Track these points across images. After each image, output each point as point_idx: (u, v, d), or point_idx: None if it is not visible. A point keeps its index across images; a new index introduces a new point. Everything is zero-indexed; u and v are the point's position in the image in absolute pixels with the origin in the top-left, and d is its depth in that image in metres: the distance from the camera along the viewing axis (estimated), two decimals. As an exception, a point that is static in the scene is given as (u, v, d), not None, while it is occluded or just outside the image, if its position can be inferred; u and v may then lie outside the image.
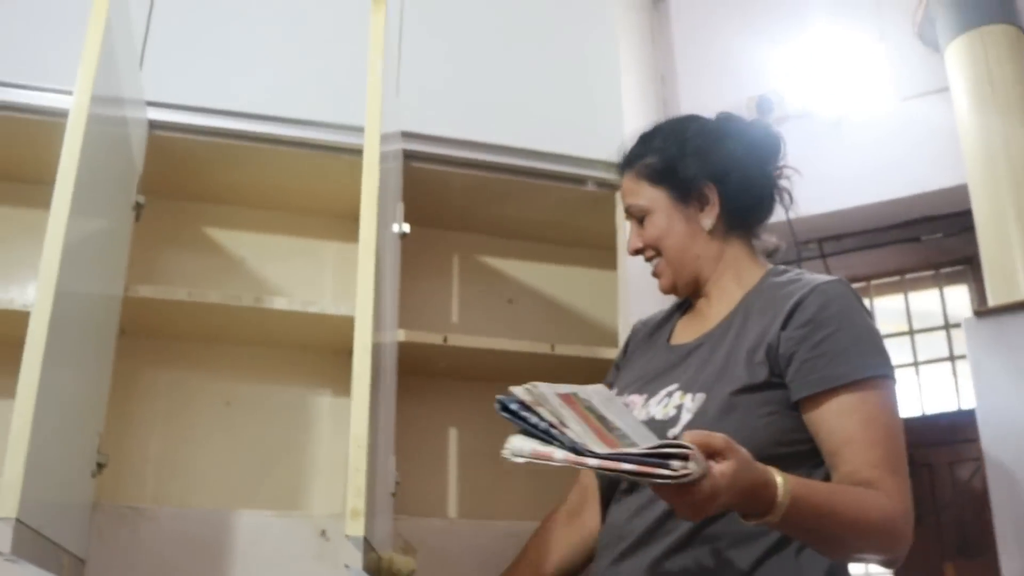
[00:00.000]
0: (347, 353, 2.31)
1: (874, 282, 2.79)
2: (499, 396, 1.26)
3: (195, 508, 1.97)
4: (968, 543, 2.45)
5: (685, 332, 1.67)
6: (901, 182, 2.59)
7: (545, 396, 1.24)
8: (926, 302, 2.77)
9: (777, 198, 1.67)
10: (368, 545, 1.49)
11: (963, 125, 2.29)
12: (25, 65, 2.04)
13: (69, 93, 1.95)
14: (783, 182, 1.68)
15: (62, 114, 1.98)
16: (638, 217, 1.64)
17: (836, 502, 1.29)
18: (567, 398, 1.25)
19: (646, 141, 1.66)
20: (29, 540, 1.37)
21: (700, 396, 1.47)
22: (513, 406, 1.25)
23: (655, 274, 1.67)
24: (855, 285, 2.80)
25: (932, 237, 2.71)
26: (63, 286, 1.46)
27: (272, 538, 1.89)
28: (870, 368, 1.41)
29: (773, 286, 1.56)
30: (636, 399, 1.60)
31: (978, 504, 1.99)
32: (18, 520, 1.29)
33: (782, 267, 1.63)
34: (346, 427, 2.27)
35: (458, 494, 2.32)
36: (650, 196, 1.62)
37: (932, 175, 2.54)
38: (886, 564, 1.40)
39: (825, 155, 2.71)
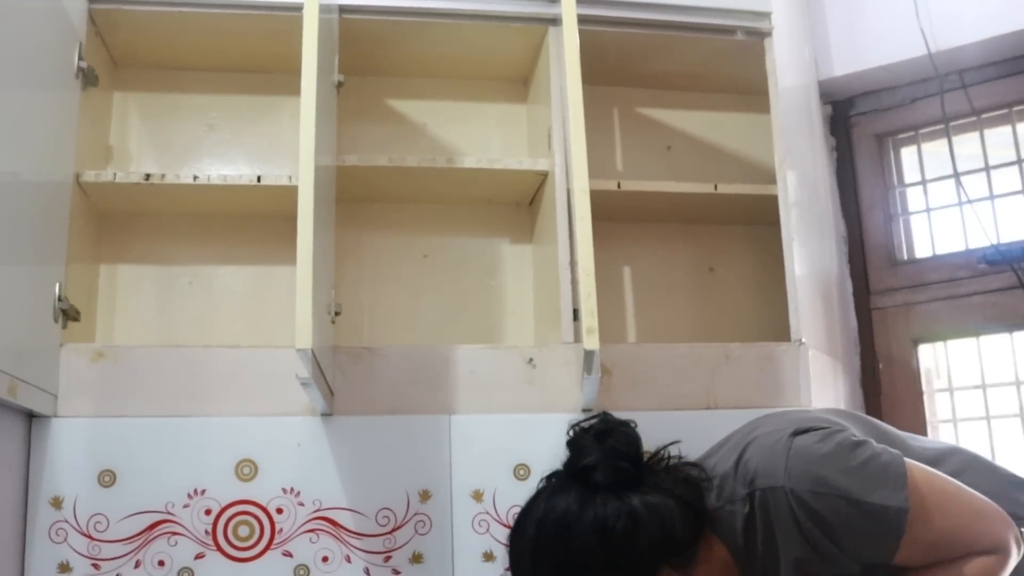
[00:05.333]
0: (524, 204, 2.57)
1: (1016, 108, 2.86)
2: None
3: (419, 345, 2.25)
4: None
5: None
6: (1042, 7, 2.65)
7: None
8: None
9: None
10: (598, 357, 1.75)
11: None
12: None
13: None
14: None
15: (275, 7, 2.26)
16: None
17: None
18: None
19: None
20: (315, 369, 1.67)
21: None
22: None
23: None
24: (997, 113, 2.89)
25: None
26: (316, 160, 1.71)
27: (486, 367, 2.15)
28: (900, 516, 1.35)
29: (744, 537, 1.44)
30: None
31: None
32: (312, 351, 1.58)
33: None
34: (527, 270, 2.55)
35: (635, 323, 2.57)
36: None
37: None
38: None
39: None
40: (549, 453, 2.10)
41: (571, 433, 1.54)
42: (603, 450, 1.48)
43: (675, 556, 1.41)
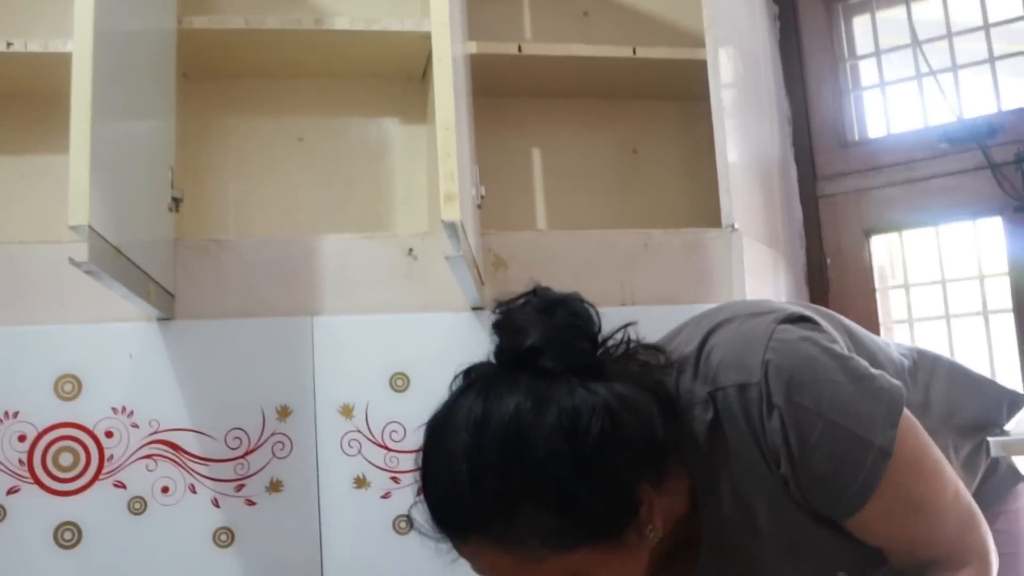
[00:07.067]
0: (416, 77, 2.23)
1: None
2: None
3: (278, 236, 1.91)
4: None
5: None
6: None
7: None
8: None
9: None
10: (463, 232, 1.43)
11: None
12: None
13: None
14: None
15: None
16: None
17: None
18: None
19: (502, 502, 0.96)
20: (109, 254, 1.33)
21: None
22: None
23: None
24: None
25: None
26: (102, 23, 1.35)
27: (359, 260, 1.85)
28: (880, 461, 1.01)
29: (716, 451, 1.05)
30: None
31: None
32: (91, 227, 1.24)
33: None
34: (420, 153, 2.23)
35: (546, 208, 2.26)
36: (567, 568, 0.99)
37: None
38: None
39: None
40: (432, 360, 1.82)
41: (498, 312, 1.07)
42: (551, 326, 1.04)
43: (654, 469, 1.02)
